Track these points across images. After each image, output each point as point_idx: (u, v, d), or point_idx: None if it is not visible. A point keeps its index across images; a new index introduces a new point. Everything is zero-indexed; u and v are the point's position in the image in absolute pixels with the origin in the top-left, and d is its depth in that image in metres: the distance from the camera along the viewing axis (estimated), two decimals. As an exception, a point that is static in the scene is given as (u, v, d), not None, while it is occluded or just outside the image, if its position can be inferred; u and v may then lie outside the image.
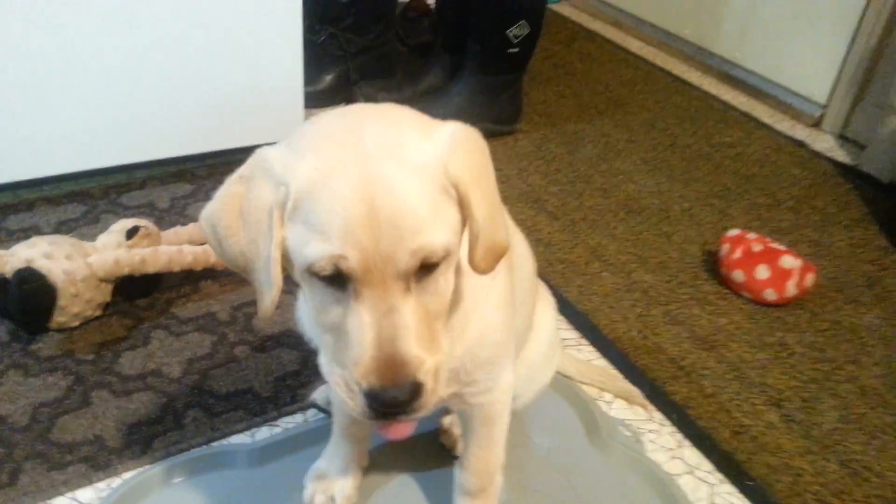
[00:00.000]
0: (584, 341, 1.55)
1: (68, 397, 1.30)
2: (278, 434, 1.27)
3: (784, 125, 2.53)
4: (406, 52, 2.68)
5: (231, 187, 0.76)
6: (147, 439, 1.24)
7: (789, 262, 1.64)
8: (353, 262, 0.67)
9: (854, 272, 1.82)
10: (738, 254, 1.68)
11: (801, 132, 2.49)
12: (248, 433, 1.28)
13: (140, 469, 1.19)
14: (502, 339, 0.94)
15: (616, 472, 1.26)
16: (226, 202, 0.76)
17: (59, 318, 1.39)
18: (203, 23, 1.78)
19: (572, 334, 1.57)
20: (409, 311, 0.70)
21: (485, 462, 1.05)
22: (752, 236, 1.70)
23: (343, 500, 1.15)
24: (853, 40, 2.40)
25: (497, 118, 2.26)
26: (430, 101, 2.24)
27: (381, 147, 0.70)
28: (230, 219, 0.75)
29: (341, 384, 0.74)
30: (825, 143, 2.44)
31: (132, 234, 1.47)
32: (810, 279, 1.66)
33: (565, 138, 2.32)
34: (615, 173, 2.16)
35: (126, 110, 1.79)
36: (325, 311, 0.73)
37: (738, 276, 1.67)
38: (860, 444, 1.37)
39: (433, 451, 1.27)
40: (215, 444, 1.25)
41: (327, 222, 0.67)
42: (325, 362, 0.77)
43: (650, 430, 1.37)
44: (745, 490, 1.27)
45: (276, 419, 1.30)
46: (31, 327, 1.40)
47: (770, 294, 1.65)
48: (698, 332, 1.60)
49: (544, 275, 1.64)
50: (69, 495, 1.15)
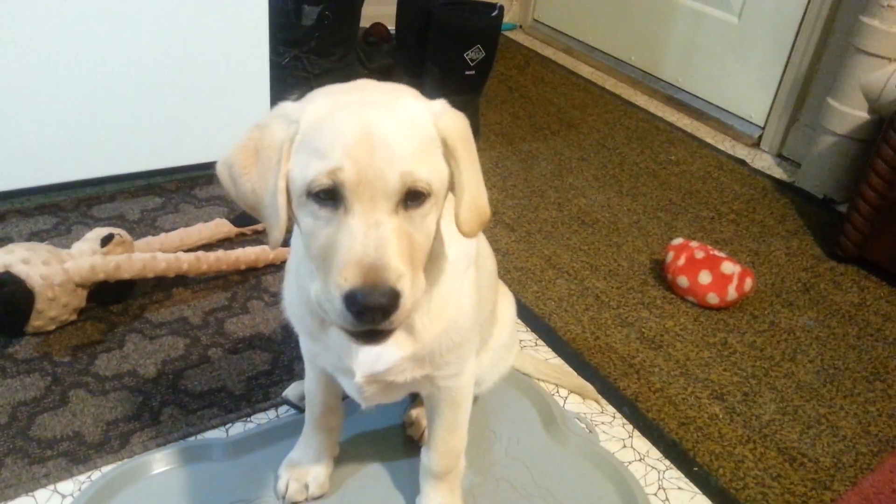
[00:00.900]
0: (540, 342, 1.64)
1: (46, 396, 1.34)
2: (252, 429, 1.33)
3: (726, 145, 2.68)
4: (367, 74, 2.76)
5: (249, 134, 0.85)
6: (125, 435, 1.29)
7: (729, 267, 1.76)
8: (348, 174, 0.75)
9: (790, 279, 1.95)
10: (682, 261, 1.79)
11: (741, 151, 2.64)
12: (222, 429, 1.33)
13: (119, 462, 1.24)
14: (471, 326, 1.02)
15: (572, 459, 1.35)
16: (243, 145, 0.84)
17: (35, 322, 1.43)
18: (174, 43, 1.85)
19: (530, 336, 1.66)
20: (393, 227, 0.77)
21: (451, 444, 1.13)
22: (694, 244, 1.82)
23: (316, 488, 1.21)
24: (786, 66, 2.57)
25: (455, 137, 2.35)
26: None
27: (381, 100, 0.81)
28: (245, 159, 0.84)
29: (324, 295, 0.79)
30: (764, 162, 2.59)
31: (107, 241, 1.52)
32: (749, 284, 1.78)
33: (521, 156, 2.43)
34: (568, 189, 2.27)
35: (97, 125, 1.85)
36: (317, 236, 0.80)
37: (682, 281, 1.78)
38: (796, 433, 1.48)
39: (401, 442, 1.34)
40: (191, 438, 1.30)
41: (328, 144, 0.77)
42: (315, 291, 0.82)
43: (603, 422, 1.45)
44: (691, 475, 1.36)
45: (249, 415, 1.36)
46: (8, 330, 1.43)
47: (712, 297, 1.76)
48: (646, 333, 1.70)
49: (503, 280, 1.72)
50: (50, 487, 1.19)
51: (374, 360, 0.96)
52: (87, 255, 1.49)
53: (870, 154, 1.98)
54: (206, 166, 2.02)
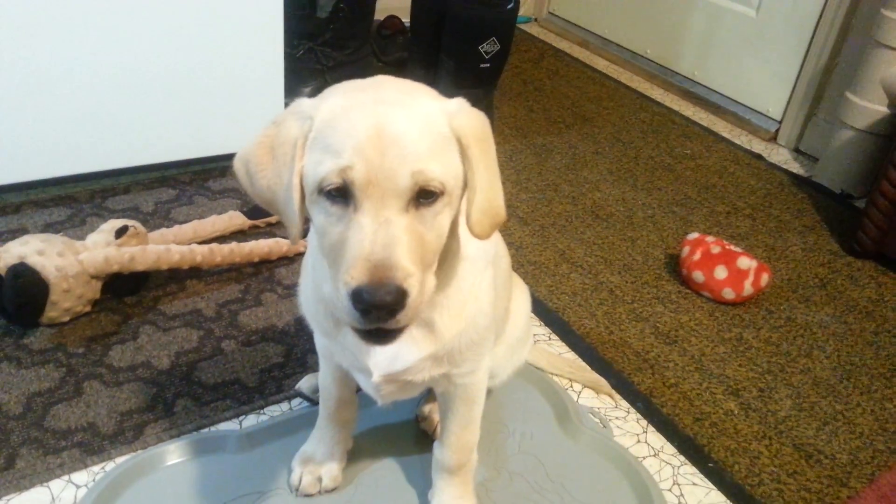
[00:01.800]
0: (554, 336, 1.63)
1: (61, 388, 1.35)
2: (265, 421, 1.33)
3: (742, 139, 2.66)
4: (381, 68, 2.76)
5: (265, 130, 0.85)
6: (139, 426, 1.29)
7: (745, 262, 1.74)
8: (358, 173, 0.75)
9: (807, 274, 1.93)
10: (697, 255, 1.77)
11: (758, 146, 2.62)
12: (235, 420, 1.33)
13: (133, 453, 1.24)
14: (489, 324, 1.02)
15: (585, 454, 1.34)
16: (259, 142, 0.84)
17: (50, 313, 1.43)
18: (190, 36, 1.85)
19: (543, 330, 1.65)
20: (403, 225, 0.77)
21: (464, 439, 1.12)
22: (710, 239, 1.80)
23: (330, 481, 1.21)
24: (804, 60, 2.54)
25: (469, 130, 2.34)
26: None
27: (396, 98, 0.80)
28: (261, 155, 0.84)
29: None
30: (781, 156, 2.56)
31: (121, 233, 1.52)
32: (765, 279, 1.76)
33: (535, 150, 2.41)
34: (582, 182, 2.26)
35: (112, 117, 1.85)
36: (329, 233, 0.79)
37: (698, 276, 1.77)
38: (813, 429, 1.47)
39: (414, 436, 1.34)
40: (204, 430, 1.30)
41: (341, 142, 0.76)
42: (328, 289, 0.82)
43: (617, 417, 1.45)
44: (706, 471, 1.35)
45: (262, 408, 1.36)
46: (23, 321, 1.44)
47: (728, 293, 1.75)
48: (661, 328, 1.69)
49: (517, 274, 1.72)
50: (65, 478, 1.20)
51: (391, 359, 0.96)
52: (101, 247, 1.50)
53: (888, 149, 1.96)
54: (221, 158, 2.02)
